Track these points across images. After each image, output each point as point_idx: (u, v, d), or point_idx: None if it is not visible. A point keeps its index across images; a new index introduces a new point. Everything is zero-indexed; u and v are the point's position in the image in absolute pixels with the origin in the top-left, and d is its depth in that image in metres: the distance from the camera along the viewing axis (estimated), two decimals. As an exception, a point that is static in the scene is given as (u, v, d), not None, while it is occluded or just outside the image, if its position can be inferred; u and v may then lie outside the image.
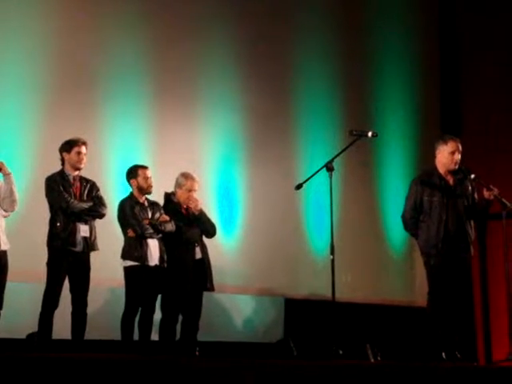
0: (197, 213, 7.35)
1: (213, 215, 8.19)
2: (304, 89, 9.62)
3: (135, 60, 8.44)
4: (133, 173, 7.20)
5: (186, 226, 7.31)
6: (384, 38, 10.31)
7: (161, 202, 7.39)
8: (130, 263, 7.02)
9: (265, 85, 9.30)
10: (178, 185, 7.46)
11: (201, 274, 7.34)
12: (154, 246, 7.06)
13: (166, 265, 7.11)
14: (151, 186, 7.20)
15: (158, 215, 7.20)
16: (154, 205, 7.26)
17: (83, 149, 6.82)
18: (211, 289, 7.39)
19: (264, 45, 9.34)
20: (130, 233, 7.05)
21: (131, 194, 7.21)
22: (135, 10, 8.53)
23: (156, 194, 7.40)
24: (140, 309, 7.02)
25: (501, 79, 10.40)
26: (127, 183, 7.24)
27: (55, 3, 8.05)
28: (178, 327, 7.31)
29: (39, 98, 7.80)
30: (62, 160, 6.86)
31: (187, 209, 7.42)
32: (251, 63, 9.23)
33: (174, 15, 8.77)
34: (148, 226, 7.05)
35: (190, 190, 7.42)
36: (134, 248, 7.01)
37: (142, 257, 6.99)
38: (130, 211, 7.07)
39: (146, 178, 7.17)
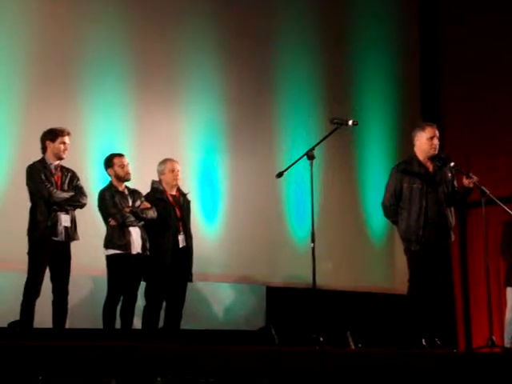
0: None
1: (194, 204, 8.21)
2: (285, 77, 9.63)
3: (116, 50, 8.42)
4: (109, 162, 7.21)
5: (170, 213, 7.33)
6: (365, 27, 10.32)
7: (145, 190, 7.40)
8: (112, 252, 7.03)
9: (246, 73, 9.31)
10: (160, 173, 7.47)
11: (184, 263, 7.36)
12: (136, 234, 7.08)
13: (148, 252, 7.12)
14: (129, 174, 7.20)
15: (138, 203, 7.21)
16: (134, 192, 7.27)
17: (67, 139, 6.81)
18: (190, 279, 7.41)
19: (246, 34, 9.34)
20: (112, 222, 7.05)
21: (110, 183, 7.21)
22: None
23: (138, 182, 7.41)
24: (122, 297, 7.03)
25: (480, 68, 10.44)
26: (106, 173, 7.26)
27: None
28: (161, 315, 7.34)
29: (19, 88, 7.78)
30: (44, 148, 6.83)
31: (174, 196, 7.43)
32: (232, 52, 9.23)
33: (157, 6, 8.75)
34: (129, 214, 7.05)
35: (172, 170, 7.43)
36: (116, 237, 7.02)
37: (125, 245, 7.00)
38: (110, 200, 7.08)
39: (123, 166, 7.17)
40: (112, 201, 7.07)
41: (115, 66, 8.37)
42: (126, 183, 7.26)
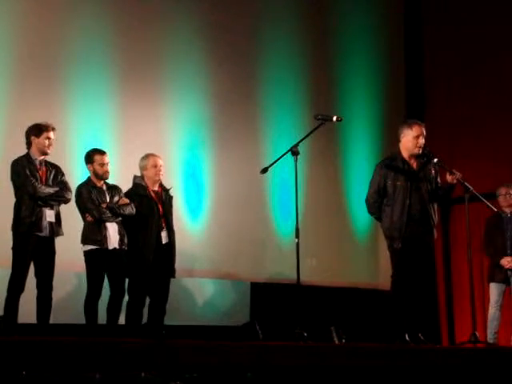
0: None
1: (179, 200, 8.21)
2: (270, 73, 9.64)
3: (100, 47, 8.40)
4: (89, 158, 7.16)
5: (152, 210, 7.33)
6: (350, 23, 10.34)
7: (128, 186, 7.39)
8: (89, 247, 7.01)
9: (231, 69, 9.30)
10: (142, 168, 7.45)
11: (167, 259, 7.36)
12: (112, 230, 7.05)
13: (126, 247, 7.10)
14: (107, 172, 7.15)
15: (117, 198, 7.17)
16: (112, 188, 7.23)
17: (52, 134, 6.80)
18: (173, 275, 7.42)
19: (231, 31, 9.34)
20: (88, 217, 7.03)
21: (88, 178, 7.18)
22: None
23: (119, 177, 7.40)
24: (109, 293, 7.03)
25: (466, 65, 10.47)
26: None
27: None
28: (145, 311, 7.34)
29: (1, 85, 7.75)
30: (29, 144, 6.82)
31: (156, 192, 7.42)
32: (217, 48, 9.22)
33: (142, 4, 8.75)
34: (105, 210, 7.02)
35: (155, 166, 7.41)
36: (92, 232, 7.00)
37: (101, 240, 6.98)
38: (87, 196, 7.04)
39: (102, 165, 7.11)
40: (89, 196, 7.04)
41: (99, 63, 8.35)
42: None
